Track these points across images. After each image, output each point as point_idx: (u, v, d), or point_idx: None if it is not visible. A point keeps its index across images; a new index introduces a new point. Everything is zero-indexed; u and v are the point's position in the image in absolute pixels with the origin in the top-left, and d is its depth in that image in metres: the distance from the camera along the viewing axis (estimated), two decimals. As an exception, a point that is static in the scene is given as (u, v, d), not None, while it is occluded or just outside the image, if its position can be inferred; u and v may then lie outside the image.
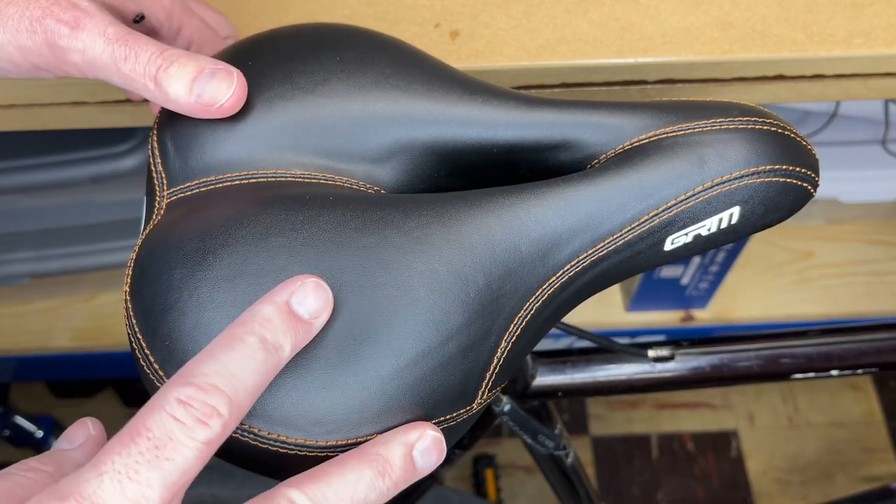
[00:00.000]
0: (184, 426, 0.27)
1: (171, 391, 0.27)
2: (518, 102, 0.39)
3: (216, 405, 0.27)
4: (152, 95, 0.36)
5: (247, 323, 0.30)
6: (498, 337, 0.34)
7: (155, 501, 0.26)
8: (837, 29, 0.54)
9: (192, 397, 0.27)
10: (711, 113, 0.38)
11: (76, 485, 0.26)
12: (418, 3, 0.54)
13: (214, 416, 0.27)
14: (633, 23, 0.54)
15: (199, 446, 0.27)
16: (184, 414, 0.27)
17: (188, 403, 0.27)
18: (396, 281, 0.33)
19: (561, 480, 0.67)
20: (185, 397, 0.27)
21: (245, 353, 0.29)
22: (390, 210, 0.35)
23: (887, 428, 1.33)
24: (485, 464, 1.25)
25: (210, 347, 0.29)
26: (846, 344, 0.58)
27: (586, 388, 0.57)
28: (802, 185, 0.38)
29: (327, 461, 0.30)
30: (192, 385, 0.27)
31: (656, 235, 0.37)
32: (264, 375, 0.29)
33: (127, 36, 0.35)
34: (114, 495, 0.25)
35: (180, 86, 0.35)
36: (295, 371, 0.31)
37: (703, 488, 1.27)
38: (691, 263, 1.05)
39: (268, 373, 0.30)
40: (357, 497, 0.29)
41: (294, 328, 0.30)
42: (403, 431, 0.31)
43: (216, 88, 0.35)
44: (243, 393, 0.28)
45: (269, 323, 0.30)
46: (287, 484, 0.29)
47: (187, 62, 0.35)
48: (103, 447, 0.27)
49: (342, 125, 0.38)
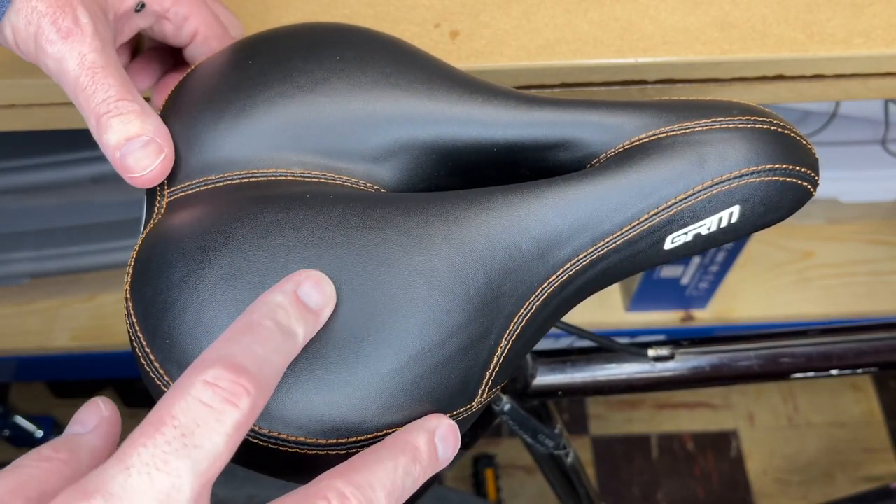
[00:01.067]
0: (211, 409, 0.26)
1: (195, 375, 0.27)
2: (518, 102, 0.39)
3: (244, 384, 0.27)
4: (93, 132, 0.37)
5: (261, 309, 0.30)
6: (498, 336, 0.34)
7: (186, 492, 0.25)
8: (837, 29, 0.54)
9: (220, 377, 0.26)
10: (711, 112, 0.38)
11: (101, 481, 0.25)
12: (418, 3, 0.54)
13: (243, 395, 0.26)
14: (633, 23, 0.54)
15: (228, 430, 0.26)
16: (211, 397, 0.26)
17: (215, 385, 0.26)
18: (396, 279, 0.33)
19: (561, 480, 0.67)
20: (211, 378, 0.26)
21: (265, 336, 0.29)
22: (390, 209, 0.35)
23: (887, 428, 1.33)
24: (485, 464, 1.25)
25: (228, 333, 0.29)
26: (846, 344, 0.58)
27: (586, 388, 0.57)
28: (802, 185, 0.38)
29: (361, 452, 0.30)
30: (218, 366, 0.27)
31: (656, 234, 0.37)
32: (286, 357, 0.29)
33: (100, 69, 0.36)
34: (143, 489, 0.25)
35: (113, 138, 0.36)
36: (295, 369, 0.31)
37: (702, 488, 1.27)
38: (691, 263, 1.05)
39: (288, 355, 0.30)
40: (397, 483, 0.29)
41: (305, 316, 0.30)
42: (424, 421, 0.32)
43: (138, 159, 0.36)
44: (269, 372, 0.28)
45: (283, 309, 0.30)
46: (330, 476, 0.28)
47: (133, 120, 0.36)
48: (127, 439, 0.26)
49: (342, 124, 0.38)
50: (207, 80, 0.39)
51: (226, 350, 0.28)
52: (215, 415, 0.26)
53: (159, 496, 0.25)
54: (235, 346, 0.28)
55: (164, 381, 0.32)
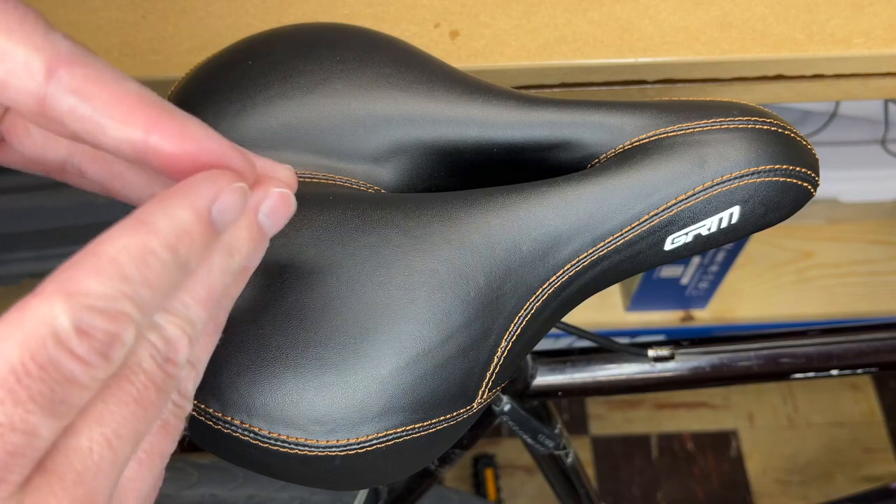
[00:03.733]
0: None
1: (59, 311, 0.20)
2: (518, 102, 0.39)
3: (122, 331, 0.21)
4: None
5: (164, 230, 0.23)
6: (498, 336, 0.34)
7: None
8: (837, 29, 0.54)
9: (94, 325, 0.21)
10: (712, 112, 0.38)
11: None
12: (418, 3, 0.54)
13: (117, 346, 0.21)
14: (633, 23, 0.54)
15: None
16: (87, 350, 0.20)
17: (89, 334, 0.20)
18: (397, 280, 0.33)
19: (561, 480, 0.67)
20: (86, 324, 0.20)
21: (162, 273, 0.23)
22: (390, 209, 0.35)
23: (887, 428, 1.33)
24: (485, 464, 1.25)
25: (119, 253, 0.22)
26: (846, 344, 0.58)
27: (586, 388, 0.57)
28: (802, 185, 0.38)
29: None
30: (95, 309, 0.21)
31: (656, 235, 0.37)
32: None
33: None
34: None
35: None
36: (295, 370, 0.31)
37: (702, 488, 1.27)
38: (691, 263, 1.05)
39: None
40: (214, 287, 0.25)
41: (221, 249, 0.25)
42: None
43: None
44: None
45: (188, 237, 0.23)
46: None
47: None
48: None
49: (342, 125, 0.38)
50: (207, 80, 0.39)
51: (106, 285, 0.21)
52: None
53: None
54: (123, 284, 0.21)
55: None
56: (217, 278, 0.25)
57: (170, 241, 0.23)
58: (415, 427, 0.33)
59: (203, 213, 0.24)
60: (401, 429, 0.32)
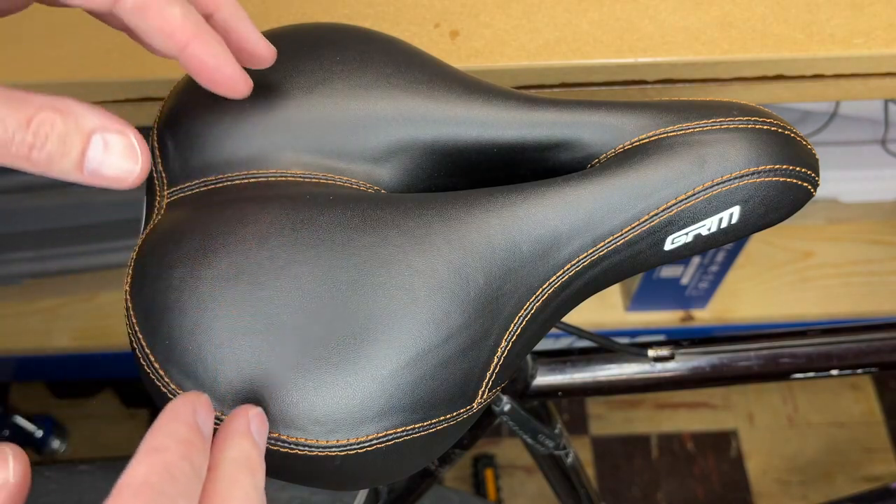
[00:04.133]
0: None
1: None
2: (518, 102, 0.39)
3: None
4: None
5: (172, 445, 0.27)
6: (498, 336, 0.34)
7: None
8: (837, 29, 0.54)
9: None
10: (712, 113, 0.38)
11: None
12: (418, 3, 0.54)
13: None
14: (633, 23, 0.54)
15: None
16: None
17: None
18: (396, 280, 0.33)
19: (561, 480, 0.67)
20: None
21: (185, 483, 0.26)
22: (390, 209, 0.35)
23: (887, 428, 1.33)
24: (485, 464, 1.25)
25: (150, 475, 0.26)
26: (846, 344, 0.57)
27: (586, 388, 0.57)
28: (803, 185, 0.38)
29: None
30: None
31: (656, 235, 0.37)
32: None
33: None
34: None
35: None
36: (295, 370, 0.31)
37: (702, 488, 1.27)
38: (691, 263, 1.05)
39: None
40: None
41: (207, 449, 0.29)
42: (238, 422, 0.29)
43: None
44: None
45: (192, 445, 0.27)
46: None
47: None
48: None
49: (342, 125, 0.38)
50: (207, 80, 0.39)
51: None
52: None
53: None
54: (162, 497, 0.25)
55: (163, 382, 0.32)
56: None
57: (182, 452, 0.27)
58: (415, 427, 0.33)
59: (193, 424, 0.28)
60: (401, 429, 0.32)
